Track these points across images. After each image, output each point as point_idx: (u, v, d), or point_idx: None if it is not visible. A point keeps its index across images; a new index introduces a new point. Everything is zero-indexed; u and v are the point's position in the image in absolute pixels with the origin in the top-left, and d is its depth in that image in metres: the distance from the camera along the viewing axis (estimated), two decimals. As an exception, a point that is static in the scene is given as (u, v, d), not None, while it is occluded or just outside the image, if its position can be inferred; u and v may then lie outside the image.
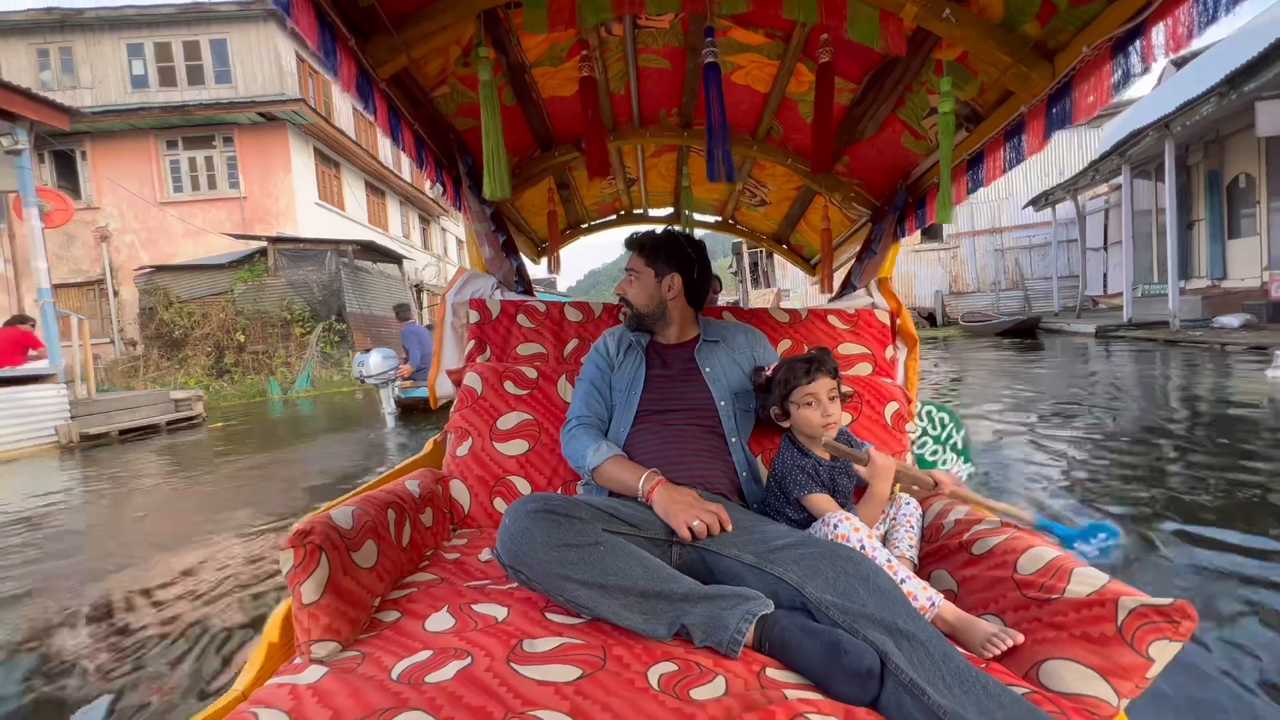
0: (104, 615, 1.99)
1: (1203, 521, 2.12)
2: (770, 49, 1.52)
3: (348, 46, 1.04)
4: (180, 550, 2.54)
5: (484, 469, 1.42)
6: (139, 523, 3.16)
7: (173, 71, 11.83)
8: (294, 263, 10.93)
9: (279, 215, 11.80)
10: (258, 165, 11.76)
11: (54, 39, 11.65)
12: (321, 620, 0.82)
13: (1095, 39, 0.99)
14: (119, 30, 11.69)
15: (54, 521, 3.22)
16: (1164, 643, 0.71)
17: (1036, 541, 0.93)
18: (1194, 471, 2.70)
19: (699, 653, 0.80)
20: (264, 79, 11.86)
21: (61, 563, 2.54)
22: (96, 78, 11.73)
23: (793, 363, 1.19)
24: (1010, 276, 15.12)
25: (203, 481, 3.94)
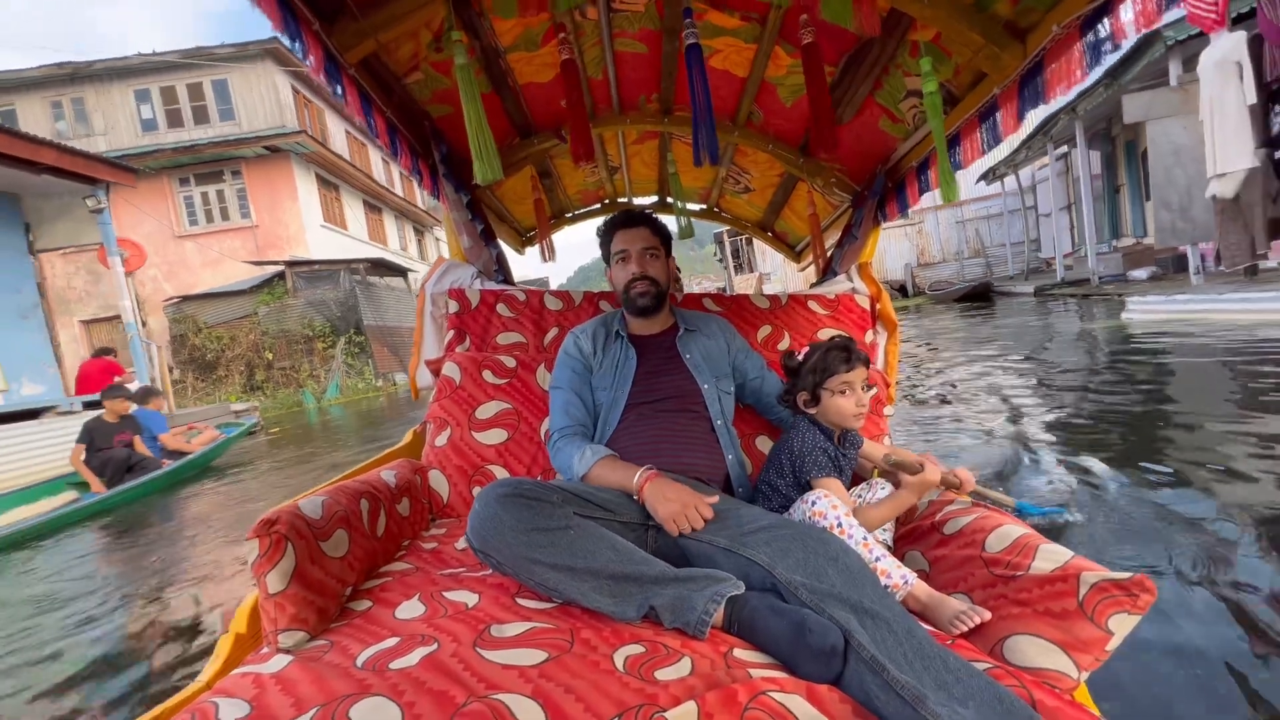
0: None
1: (1046, 389, 3.48)
2: (747, 32, 1.52)
3: (312, 30, 1.05)
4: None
5: (463, 458, 1.43)
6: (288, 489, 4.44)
7: (179, 113, 12.91)
8: (310, 283, 12.13)
9: (290, 240, 12.96)
10: (266, 195, 12.90)
11: (66, 90, 12.70)
12: (288, 610, 0.83)
13: (1064, 18, 1.01)
14: (126, 79, 12.75)
15: (220, 495, 4.51)
16: (1123, 615, 0.73)
17: (1005, 520, 0.95)
18: (1041, 371, 4.21)
19: (668, 634, 0.81)
20: (265, 113, 12.96)
21: (259, 505, 3.83)
22: (108, 124, 12.80)
23: (829, 350, 1.19)
24: (972, 246, 16.56)
25: (310, 464, 5.23)
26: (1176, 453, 2.44)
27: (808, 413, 1.19)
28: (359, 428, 7.34)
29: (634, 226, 1.38)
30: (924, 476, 1.05)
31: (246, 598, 0.94)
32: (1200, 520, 1.81)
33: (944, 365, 5.35)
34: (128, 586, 2.62)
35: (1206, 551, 1.62)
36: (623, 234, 1.38)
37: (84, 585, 2.70)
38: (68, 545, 3.47)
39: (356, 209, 15.41)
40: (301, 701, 0.67)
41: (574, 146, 1.41)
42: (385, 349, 12.22)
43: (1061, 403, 3.48)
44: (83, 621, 2.26)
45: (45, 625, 2.28)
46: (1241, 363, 3.73)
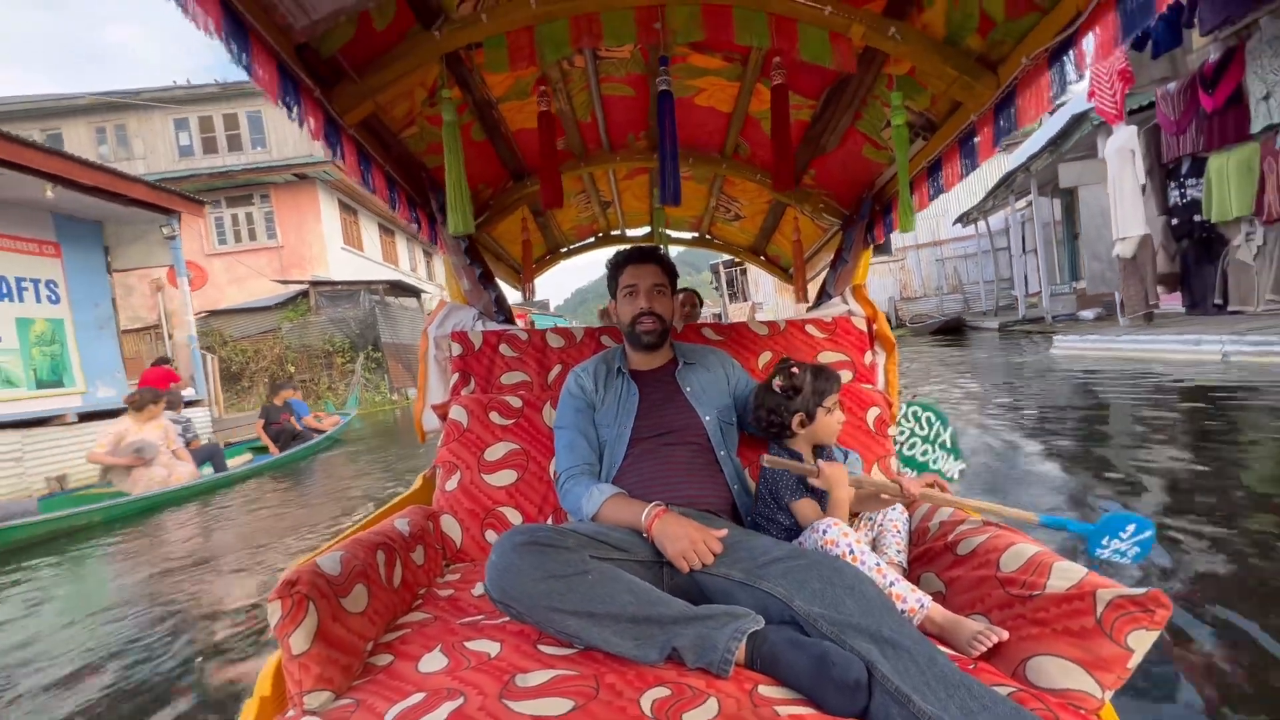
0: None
1: (995, 406, 4.60)
2: (729, 71, 1.60)
3: (313, 97, 1.10)
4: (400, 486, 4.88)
5: (474, 502, 1.46)
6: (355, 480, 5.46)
7: (215, 140, 14.12)
8: (332, 302, 13.21)
9: (313, 260, 14.08)
10: (292, 217, 14.05)
11: (110, 118, 13.89)
12: (313, 670, 0.84)
13: (1033, 50, 1.07)
14: (166, 108, 13.98)
15: (344, 457, 5.53)
16: (1141, 632, 0.74)
17: (1017, 539, 0.97)
18: (984, 387, 5.40)
19: (691, 675, 0.82)
20: (294, 143, 14.19)
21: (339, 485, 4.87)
22: (148, 149, 13.98)
23: (820, 369, 1.26)
24: (950, 282, 18.00)
25: (382, 452, 6.29)
26: (1058, 428, 3.71)
27: (794, 433, 1.25)
28: (392, 433, 8.37)
29: (645, 263, 1.43)
30: (822, 475, 1.12)
31: (268, 660, 0.94)
32: (1039, 456, 2.96)
33: (910, 383, 6.57)
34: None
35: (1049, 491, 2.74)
36: (633, 269, 1.43)
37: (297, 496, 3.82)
38: (262, 485, 5.27)
39: (372, 232, 16.60)
40: None
41: (543, 194, 1.51)
42: (399, 365, 13.27)
43: (988, 407, 4.66)
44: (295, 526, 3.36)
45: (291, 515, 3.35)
46: (1120, 382, 4.96)
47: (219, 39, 0.82)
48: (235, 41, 0.86)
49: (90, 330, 7.53)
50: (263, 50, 0.93)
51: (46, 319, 7.05)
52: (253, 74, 0.89)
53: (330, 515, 3.86)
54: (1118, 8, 0.88)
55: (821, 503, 1.16)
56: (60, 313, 7.21)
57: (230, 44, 0.85)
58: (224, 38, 0.83)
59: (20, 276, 6.80)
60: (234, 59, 0.87)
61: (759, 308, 20.10)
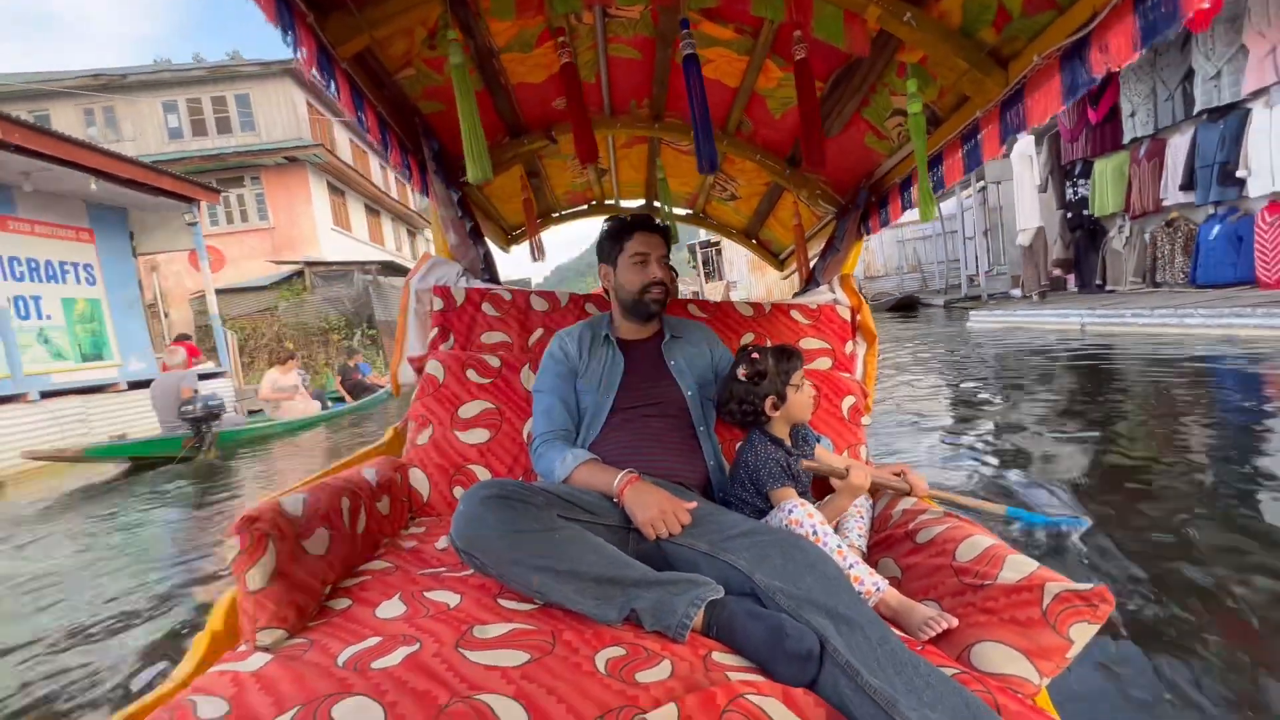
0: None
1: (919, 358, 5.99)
2: (739, 44, 1.58)
3: (306, 23, 1.07)
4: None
5: (444, 457, 1.48)
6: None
7: (204, 123, 14.72)
8: (326, 281, 14.11)
9: (304, 241, 14.90)
10: (283, 199, 14.81)
11: (98, 99, 14.37)
12: (268, 608, 0.85)
13: (1046, 48, 1.06)
14: (155, 90, 14.49)
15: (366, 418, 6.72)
16: (1083, 625, 0.78)
17: (975, 531, 1.00)
18: (915, 348, 6.72)
19: (648, 637, 0.85)
20: (283, 125, 14.87)
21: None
22: (137, 131, 14.52)
23: (781, 349, 1.28)
24: (910, 263, 19.53)
25: (403, 409, 7.44)
26: (951, 370, 5.11)
27: (769, 417, 1.26)
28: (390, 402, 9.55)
29: (655, 232, 1.43)
30: (850, 481, 1.15)
31: (223, 595, 0.96)
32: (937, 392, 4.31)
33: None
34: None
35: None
36: (644, 237, 1.41)
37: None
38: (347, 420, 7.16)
39: (359, 213, 17.38)
40: (282, 700, 0.69)
41: (578, 147, 1.47)
42: (393, 341, 14.34)
43: (911, 361, 6.05)
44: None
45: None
46: (1008, 341, 6.42)
47: None
48: None
49: (122, 309, 8.47)
50: None
51: (86, 299, 7.98)
52: None
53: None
54: (1135, 11, 0.88)
55: (798, 486, 1.21)
56: (97, 293, 8.14)
57: None
58: None
59: (63, 260, 7.71)
60: None
61: (733, 286, 21.40)
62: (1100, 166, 7.60)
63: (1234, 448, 2.69)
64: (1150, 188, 6.91)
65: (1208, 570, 1.67)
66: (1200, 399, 3.50)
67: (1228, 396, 3.50)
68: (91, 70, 14.28)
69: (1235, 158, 5.91)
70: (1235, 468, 2.42)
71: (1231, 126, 5.96)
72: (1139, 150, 7.13)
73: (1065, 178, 8.18)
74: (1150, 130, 6.92)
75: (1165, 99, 6.69)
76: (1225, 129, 6.02)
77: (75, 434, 6.57)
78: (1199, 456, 2.61)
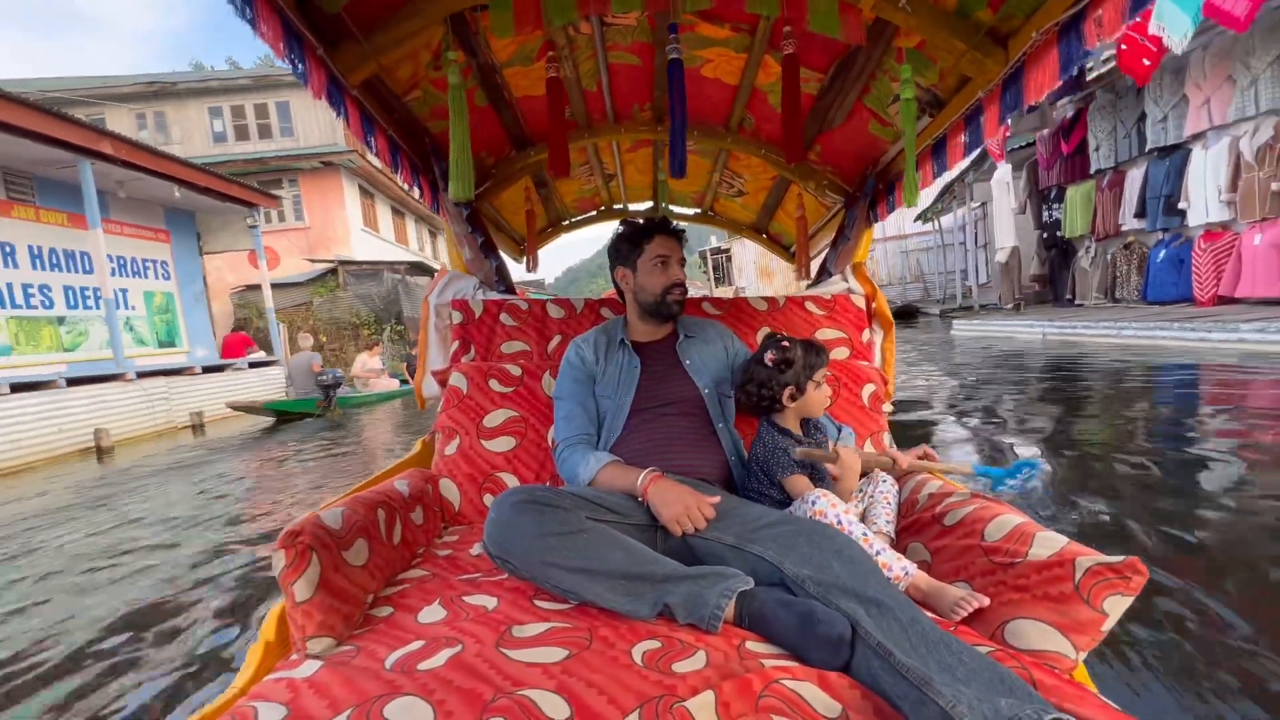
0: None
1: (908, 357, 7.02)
2: (736, 42, 1.62)
3: (316, 55, 1.12)
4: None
5: (473, 466, 1.53)
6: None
7: (246, 128, 15.94)
8: (358, 279, 15.27)
9: (337, 241, 16.08)
10: (318, 201, 16.00)
11: (150, 104, 15.63)
12: (315, 617, 0.89)
13: (1044, 24, 1.08)
14: (202, 97, 15.74)
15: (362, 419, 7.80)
16: (1117, 597, 0.79)
17: (1003, 510, 1.02)
18: (903, 349, 7.79)
19: (681, 630, 0.88)
20: (320, 131, 16.07)
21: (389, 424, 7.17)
22: (184, 135, 15.77)
23: (810, 344, 1.30)
24: (913, 272, 20.47)
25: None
26: (932, 364, 6.06)
27: (783, 408, 1.29)
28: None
29: (674, 235, 1.48)
30: (842, 463, 1.18)
31: (273, 607, 1.00)
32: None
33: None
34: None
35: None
36: (664, 240, 1.46)
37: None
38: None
39: (386, 214, 18.58)
40: (336, 703, 0.72)
41: (551, 161, 1.51)
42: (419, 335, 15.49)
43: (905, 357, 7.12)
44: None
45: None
46: (983, 348, 7.43)
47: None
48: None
49: (190, 302, 9.62)
50: (266, 3, 0.94)
51: (162, 292, 9.12)
52: (255, 27, 0.91)
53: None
54: None
55: (813, 475, 1.24)
56: (170, 288, 9.28)
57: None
58: None
59: (146, 258, 8.86)
60: (237, 11, 0.87)
61: (741, 291, 22.42)
62: (1071, 193, 8.58)
63: (1107, 412, 3.73)
64: (1111, 214, 7.89)
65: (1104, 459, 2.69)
66: (1104, 384, 4.53)
67: (1128, 384, 4.51)
68: (146, 78, 15.56)
69: (1178, 191, 6.89)
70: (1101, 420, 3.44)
71: (1175, 164, 6.94)
72: (1103, 180, 8.11)
73: (1042, 201, 9.16)
74: (1112, 163, 7.91)
75: (1124, 136, 7.67)
76: (1170, 165, 6.99)
77: (162, 409, 7.69)
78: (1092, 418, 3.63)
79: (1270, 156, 5.87)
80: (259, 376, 9.45)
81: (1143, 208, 7.38)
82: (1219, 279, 6.48)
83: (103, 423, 6.63)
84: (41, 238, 7.39)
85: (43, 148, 6.45)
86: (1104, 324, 6.58)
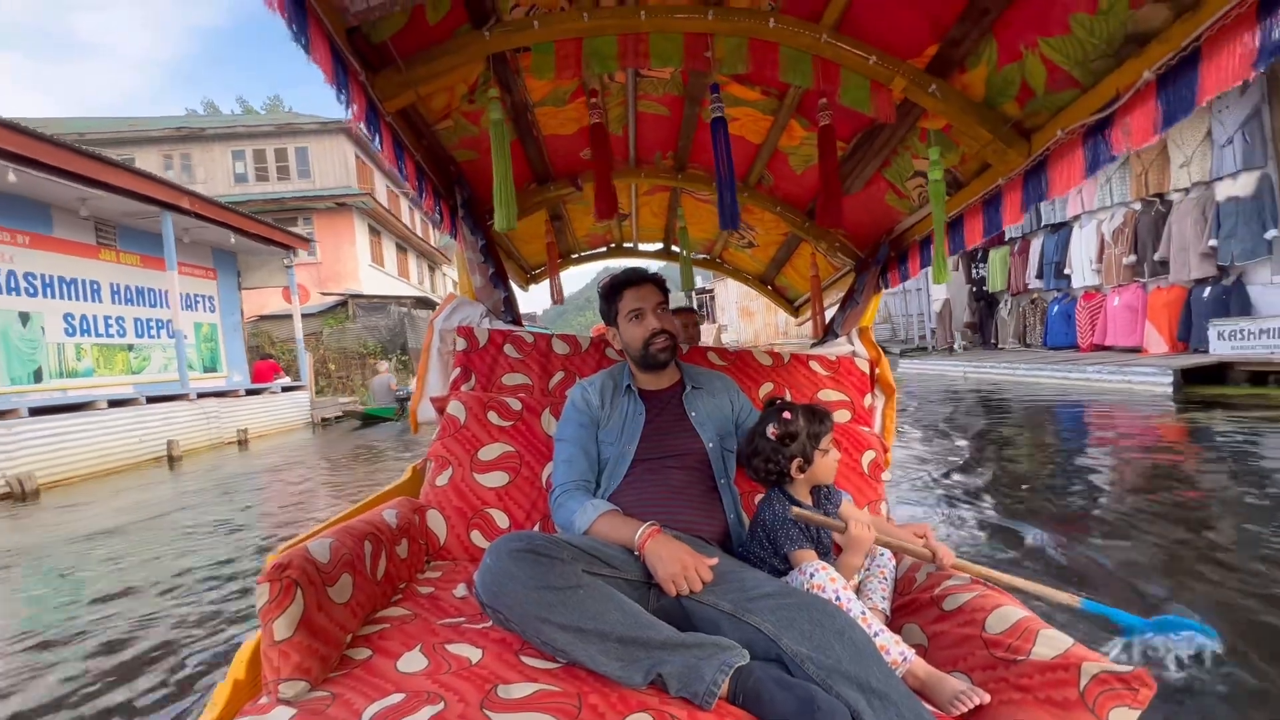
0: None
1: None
2: (765, 105, 1.70)
3: (358, 81, 1.16)
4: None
5: (463, 500, 1.53)
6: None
7: (266, 170, 17.60)
8: (367, 312, 16.78)
9: (347, 275, 17.63)
10: (331, 239, 17.59)
11: (177, 147, 17.25)
12: (292, 658, 0.87)
13: (1069, 124, 1.13)
14: (226, 141, 17.41)
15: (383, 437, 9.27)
16: (1123, 710, 0.77)
17: (1004, 601, 1.00)
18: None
19: (674, 703, 0.85)
20: (335, 175, 17.79)
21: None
22: (208, 175, 17.37)
23: (810, 410, 1.27)
24: (882, 315, 22.42)
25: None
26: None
27: (793, 478, 1.25)
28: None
29: (643, 284, 1.47)
30: (850, 535, 1.15)
31: (246, 643, 0.97)
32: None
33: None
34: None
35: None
36: (635, 291, 1.46)
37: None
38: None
39: (390, 250, 20.22)
40: None
41: (598, 204, 1.57)
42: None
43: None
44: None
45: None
46: (921, 382, 9.16)
47: (281, 15, 0.88)
48: (295, 20, 0.91)
49: (230, 333, 11.06)
50: (319, 30, 0.98)
51: (208, 323, 10.55)
52: (308, 51, 0.95)
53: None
54: (1158, 98, 0.95)
55: (820, 548, 1.21)
56: (214, 319, 10.72)
57: (291, 21, 0.90)
58: (286, 15, 0.89)
59: (196, 293, 10.32)
60: (293, 36, 0.92)
61: (724, 329, 24.22)
62: (993, 255, 10.53)
63: (990, 423, 5.40)
64: (1020, 274, 9.81)
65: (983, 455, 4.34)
66: (990, 407, 6.25)
67: (1008, 407, 6.24)
68: (175, 122, 17.24)
69: (1065, 259, 8.82)
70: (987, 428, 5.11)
71: (1062, 237, 8.89)
72: (1014, 246, 10.07)
73: (971, 260, 11.11)
74: (1020, 233, 9.88)
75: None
76: (1059, 238, 8.95)
77: (215, 425, 9.06)
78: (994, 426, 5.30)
79: (1122, 237, 7.80)
80: (290, 400, 10.86)
81: (1041, 271, 9.30)
82: (1094, 330, 8.35)
83: (173, 435, 8.01)
84: (119, 276, 8.86)
85: (135, 202, 8.00)
86: (1004, 365, 8.40)
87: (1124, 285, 7.83)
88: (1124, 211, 7.84)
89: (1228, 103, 6.39)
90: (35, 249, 7.62)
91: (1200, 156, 6.74)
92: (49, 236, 7.80)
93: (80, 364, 8.21)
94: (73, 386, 7.96)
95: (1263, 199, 6.17)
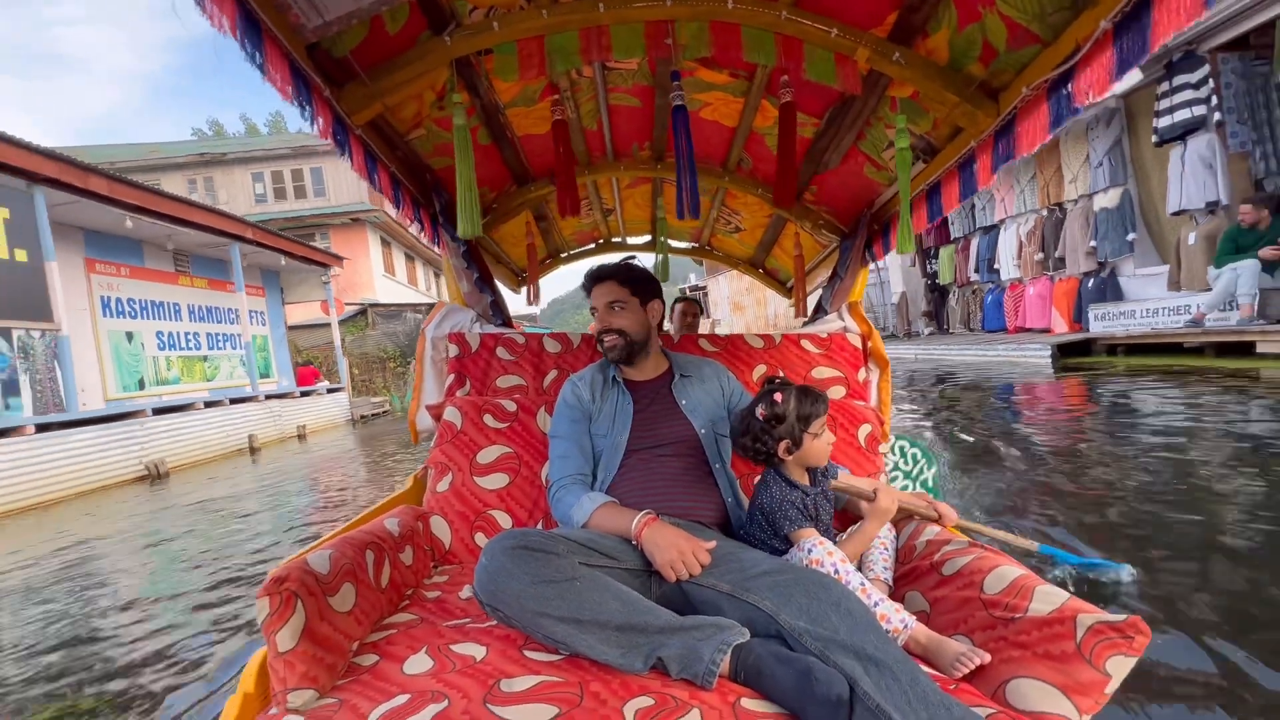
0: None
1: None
2: (735, 87, 1.74)
3: (323, 97, 1.18)
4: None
5: (465, 504, 1.58)
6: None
7: (284, 190, 19.36)
8: (385, 320, 18.60)
9: (363, 285, 19.43)
10: (346, 251, 19.29)
11: (200, 171, 18.99)
12: (298, 669, 0.90)
13: (1033, 80, 1.18)
14: (247, 164, 19.16)
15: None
16: (1120, 658, 0.80)
17: (1001, 561, 1.04)
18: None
19: (675, 685, 0.88)
20: (348, 191, 19.55)
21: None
22: (229, 197, 19.11)
23: (803, 392, 1.28)
24: (864, 304, 23.98)
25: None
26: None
27: (783, 460, 1.28)
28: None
29: (599, 283, 1.54)
30: (878, 504, 1.19)
31: (253, 657, 1.00)
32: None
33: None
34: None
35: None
36: (595, 290, 1.54)
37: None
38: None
39: (400, 259, 22.03)
40: None
41: (560, 201, 1.64)
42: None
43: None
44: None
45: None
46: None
47: (234, 37, 0.88)
48: (249, 39, 0.92)
49: (278, 343, 12.88)
50: (275, 49, 1.00)
51: (261, 335, 12.37)
52: (264, 72, 0.96)
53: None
54: (1114, 45, 1.00)
55: (819, 525, 1.25)
56: (266, 331, 12.54)
57: (244, 42, 0.91)
58: (238, 36, 0.89)
59: (252, 309, 12.13)
60: (247, 57, 0.92)
61: (718, 323, 26.01)
62: (943, 252, 12.43)
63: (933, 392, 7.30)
64: (963, 268, 11.72)
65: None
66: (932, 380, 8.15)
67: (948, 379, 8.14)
68: (198, 148, 18.99)
69: (994, 255, 10.74)
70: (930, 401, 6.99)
71: (992, 238, 10.80)
72: (958, 245, 12.00)
73: (925, 256, 13.04)
74: (961, 233, 11.79)
75: (965, 215, 11.58)
76: (990, 239, 10.85)
77: (279, 422, 10.89)
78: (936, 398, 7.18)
79: (1033, 239, 9.72)
80: (333, 400, 12.71)
81: (978, 266, 11.22)
82: (1018, 315, 10.28)
83: (251, 430, 9.85)
84: (194, 298, 10.68)
85: (210, 235, 9.81)
86: (942, 347, 10.32)
87: (1036, 278, 9.76)
88: (1035, 217, 9.75)
89: (1099, 133, 8.30)
90: (133, 278, 9.45)
91: (1083, 175, 8.66)
92: (141, 267, 9.64)
93: (169, 373, 10.06)
94: (166, 393, 9.81)
95: (1124, 209, 8.10)
